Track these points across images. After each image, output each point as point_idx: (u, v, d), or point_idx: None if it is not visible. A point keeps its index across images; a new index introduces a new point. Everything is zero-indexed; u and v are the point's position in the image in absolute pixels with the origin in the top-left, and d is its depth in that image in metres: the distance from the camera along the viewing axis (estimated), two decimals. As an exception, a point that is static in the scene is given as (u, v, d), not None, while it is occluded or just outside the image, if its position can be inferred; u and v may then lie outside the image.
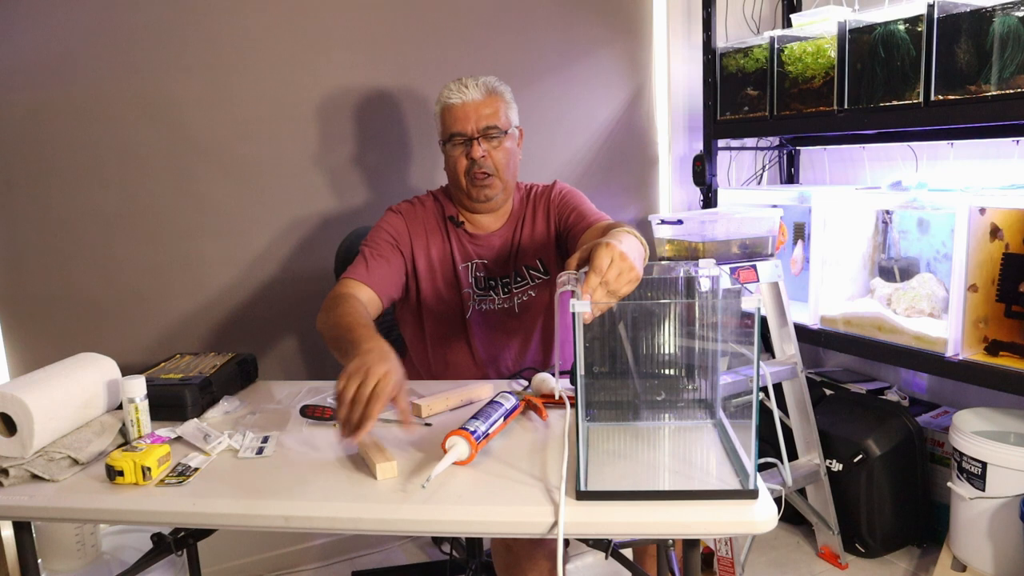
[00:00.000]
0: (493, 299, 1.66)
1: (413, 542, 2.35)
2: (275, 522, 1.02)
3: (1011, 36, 1.64)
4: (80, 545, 1.64)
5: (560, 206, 1.67)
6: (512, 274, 1.67)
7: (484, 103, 1.56)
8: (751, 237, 2.14)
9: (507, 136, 1.59)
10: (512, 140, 1.62)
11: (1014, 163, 2.00)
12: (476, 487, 1.04)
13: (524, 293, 1.67)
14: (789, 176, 2.75)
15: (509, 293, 1.66)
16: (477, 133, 1.56)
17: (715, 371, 1.17)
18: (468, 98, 1.56)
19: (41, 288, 1.86)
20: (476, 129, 1.55)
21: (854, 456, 2.09)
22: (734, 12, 2.61)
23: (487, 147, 1.56)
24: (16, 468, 1.10)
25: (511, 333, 1.68)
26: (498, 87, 1.61)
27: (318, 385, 1.54)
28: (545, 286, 1.67)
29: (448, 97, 1.58)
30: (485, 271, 1.66)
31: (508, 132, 1.60)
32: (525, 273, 1.67)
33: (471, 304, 1.65)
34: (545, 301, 1.69)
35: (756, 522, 0.95)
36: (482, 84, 1.58)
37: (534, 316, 1.69)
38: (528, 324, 1.69)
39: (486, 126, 1.56)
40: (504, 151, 1.58)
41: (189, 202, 1.98)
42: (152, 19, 1.88)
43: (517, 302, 1.67)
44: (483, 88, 1.58)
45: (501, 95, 1.60)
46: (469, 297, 1.65)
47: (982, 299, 1.79)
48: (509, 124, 1.60)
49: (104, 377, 1.30)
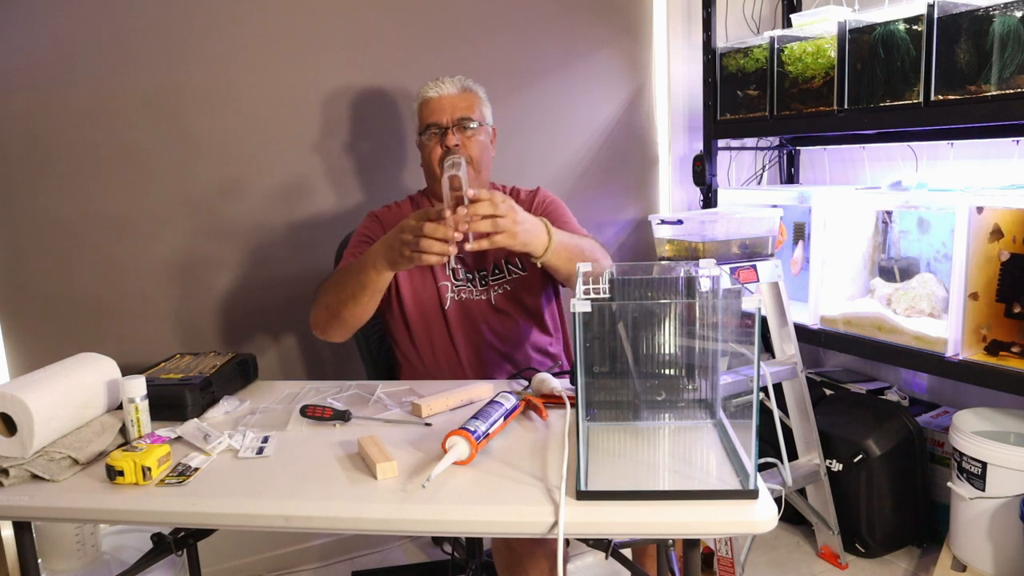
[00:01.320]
0: (471, 290, 1.70)
1: (413, 542, 2.35)
2: (275, 522, 1.02)
3: (1011, 36, 1.64)
4: (80, 545, 1.64)
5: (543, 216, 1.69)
6: (490, 267, 1.71)
7: (459, 97, 1.65)
8: (751, 237, 2.14)
9: (481, 129, 1.66)
10: (486, 135, 1.69)
11: (1014, 163, 2.00)
12: (476, 487, 1.04)
13: (500, 286, 1.71)
14: (789, 176, 2.75)
15: (486, 285, 1.70)
16: (452, 123, 1.62)
17: (715, 371, 1.17)
18: (444, 92, 1.65)
19: (41, 288, 1.86)
20: (451, 119, 1.62)
21: (854, 456, 2.09)
22: (734, 12, 2.61)
23: (461, 137, 1.62)
24: (16, 468, 1.10)
25: (489, 324, 1.70)
26: (473, 86, 1.70)
27: (318, 385, 1.54)
28: (522, 282, 1.71)
29: (426, 92, 1.67)
30: (462, 264, 1.70)
31: (482, 126, 1.67)
32: (503, 267, 1.71)
33: (449, 296, 1.69)
34: (523, 296, 1.72)
35: (756, 522, 0.94)
36: (458, 81, 1.67)
37: (512, 309, 1.72)
38: (505, 317, 1.71)
39: (461, 117, 1.63)
40: (478, 143, 1.64)
41: (189, 202, 1.98)
42: (152, 19, 1.88)
43: (494, 295, 1.70)
44: (459, 84, 1.67)
45: (476, 92, 1.69)
46: (447, 290, 1.69)
47: (983, 307, 1.79)
48: (483, 119, 1.68)
49: (104, 377, 1.30)
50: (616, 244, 2.58)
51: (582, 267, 1.16)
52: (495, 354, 1.71)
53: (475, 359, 1.70)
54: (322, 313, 1.54)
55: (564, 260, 1.45)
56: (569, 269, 1.48)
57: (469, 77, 1.69)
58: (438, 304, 1.69)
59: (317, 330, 1.57)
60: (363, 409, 1.38)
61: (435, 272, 1.69)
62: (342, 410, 1.31)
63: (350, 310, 1.49)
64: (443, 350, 1.70)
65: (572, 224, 1.69)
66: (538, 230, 1.40)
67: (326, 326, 1.55)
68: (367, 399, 1.44)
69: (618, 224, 2.58)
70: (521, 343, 1.73)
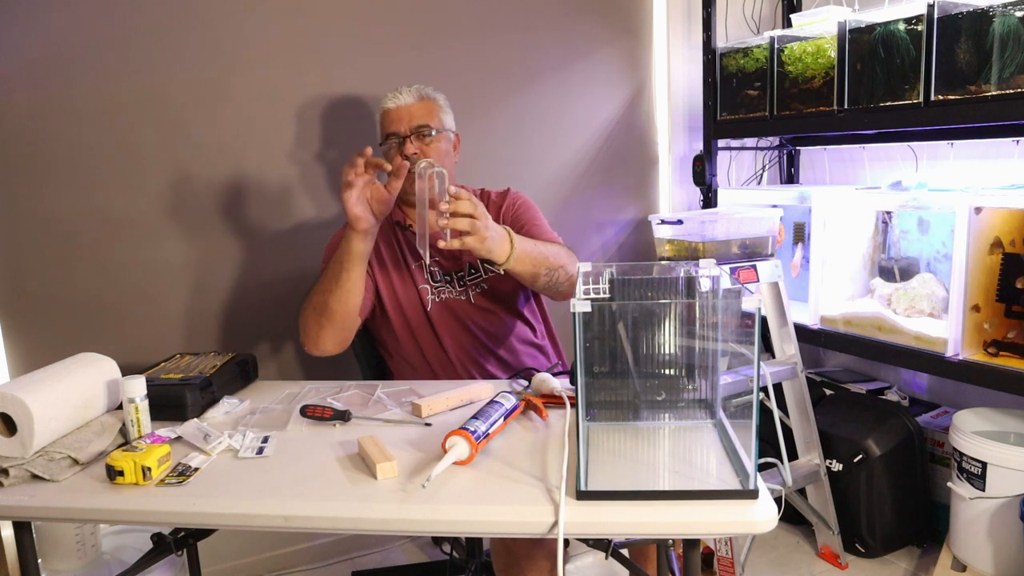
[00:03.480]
0: (450, 290, 1.72)
1: (413, 542, 2.35)
2: (275, 522, 1.02)
3: (1011, 36, 1.64)
4: (80, 545, 1.63)
5: (513, 218, 1.73)
6: (466, 266, 1.73)
7: (417, 106, 1.67)
8: (751, 237, 2.14)
9: (440, 136, 1.68)
10: (447, 142, 1.71)
11: (1014, 163, 2.00)
12: (476, 487, 1.04)
13: (477, 285, 1.72)
14: (789, 176, 2.75)
15: (464, 285, 1.72)
16: (409, 131, 1.65)
17: (715, 371, 1.17)
18: (402, 102, 1.67)
19: (41, 288, 1.86)
20: (409, 128, 1.65)
21: (854, 456, 2.09)
22: (734, 12, 2.61)
23: (419, 145, 1.65)
24: (16, 468, 1.10)
25: (472, 322, 1.72)
26: (431, 93, 1.72)
27: (318, 385, 1.54)
28: (498, 279, 1.72)
29: (385, 103, 1.70)
30: (439, 267, 1.73)
31: (441, 132, 1.68)
32: (478, 266, 1.73)
33: (429, 298, 1.71)
34: (500, 292, 1.73)
35: (756, 522, 0.95)
36: (415, 90, 1.70)
37: (492, 305, 1.73)
38: (486, 313, 1.73)
39: (418, 125, 1.65)
40: (437, 149, 1.66)
41: (189, 202, 1.97)
42: (151, 19, 1.88)
43: (472, 293, 1.72)
44: (416, 93, 1.69)
45: (434, 100, 1.71)
46: (427, 292, 1.72)
47: (985, 317, 1.79)
48: (442, 126, 1.70)
49: (104, 377, 1.30)
50: (616, 244, 2.59)
51: (582, 267, 1.16)
52: (482, 350, 1.72)
53: (463, 357, 1.71)
54: (310, 318, 1.56)
55: (527, 267, 1.49)
56: (533, 275, 1.52)
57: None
58: (420, 307, 1.71)
59: (309, 342, 1.59)
60: (363, 409, 1.38)
61: (414, 276, 1.72)
62: (342, 410, 1.32)
63: (335, 296, 1.51)
64: (431, 351, 1.71)
65: (542, 227, 1.71)
66: (502, 238, 1.43)
67: (318, 331, 1.56)
68: (367, 399, 1.44)
69: (618, 224, 2.58)
70: (505, 337, 1.75)
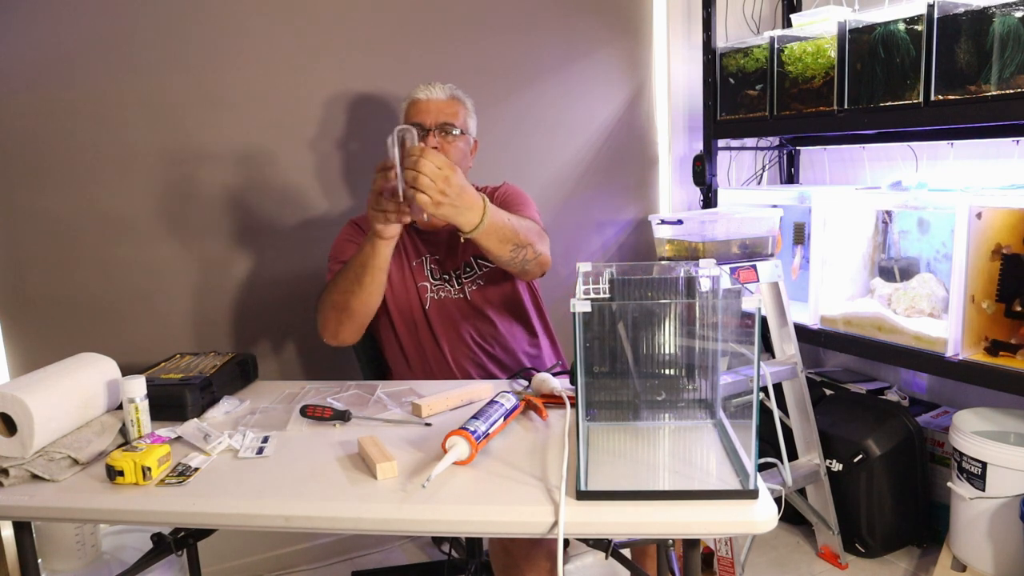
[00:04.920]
0: (448, 289, 1.73)
1: (413, 542, 2.35)
2: (275, 522, 1.02)
3: (1011, 36, 1.64)
4: (80, 545, 1.63)
5: (501, 203, 1.72)
6: (462, 265, 1.73)
7: (446, 103, 1.68)
8: (751, 237, 2.14)
9: (462, 137, 1.68)
10: (466, 144, 1.71)
11: (1014, 163, 2.00)
12: (476, 487, 1.04)
13: (473, 282, 1.73)
14: (789, 176, 2.75)
15: (460, 284, 1.73)
16: (435, 126, 1.64)
17: (715, 371, 1.17)
18: (433, 96, 1.67)
19: (41, 288, 1.86)
20: (435, 122, 1.65)
21: (854, 456, 2.09)
22: (734, 12, 2.61)
23: (441, 140, 1.64)
24: (16, 468, 1.10)
25: (468, 320, 1.72)
26: (462, 96, 1.73)
27: (318, 385, 1.54)
28: (493, 275, 1.73)
29: (415, 93, 1.69)
30: (438, 265, 1.74)
31: (464, 134, 1.69)
32: (473, 264, 1.74)
33: (428, 296, 1.72)
34: (496, 289, 1.74)
35: (756, 522, 0.95)
36: (448, 88, 1.70)
37: (487, 303, 1.73)
38: (482, 312, 1.73)
39: (444, 122, 1.65)
40: (457, 149, 1.67)
41: (188, 202, 1.97)
42: (152, 19, 1.88)
43: (468, 291, 1.73)
44: (448, 91, 1.70)
45: (464, 103, 1.72)
46: (425, 290, 1.72)
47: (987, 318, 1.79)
48: (466, 128, 1.70)
49: (104, 377, 1.30)
50: (616, 244, 2.59)
51: (582, 267, 1.16)
52: (479, 349, 1.72)
53: (461, 355, 1.71)
54: (330, 313, 1.55)
55: (494, 240, 1.44)
56: (499, 250, 1.47)
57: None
58: (419, 305, 1.72)
59: (327, 334, 1.58)
60: (363, 409, 1.38)
61: (415, 274, 1.72)
62: (342, 410, 1.32)
63: (357, 297, 1.50)
64: (430, 349, 1.72)
65: (527, 211, 1.69)
66: (474, 204, 1.36)
67: (337, 327, 1.56)
68: (367, 399, 1.44)
69: (618, 224, 2.58)
70: (503, 337, 1.75)
